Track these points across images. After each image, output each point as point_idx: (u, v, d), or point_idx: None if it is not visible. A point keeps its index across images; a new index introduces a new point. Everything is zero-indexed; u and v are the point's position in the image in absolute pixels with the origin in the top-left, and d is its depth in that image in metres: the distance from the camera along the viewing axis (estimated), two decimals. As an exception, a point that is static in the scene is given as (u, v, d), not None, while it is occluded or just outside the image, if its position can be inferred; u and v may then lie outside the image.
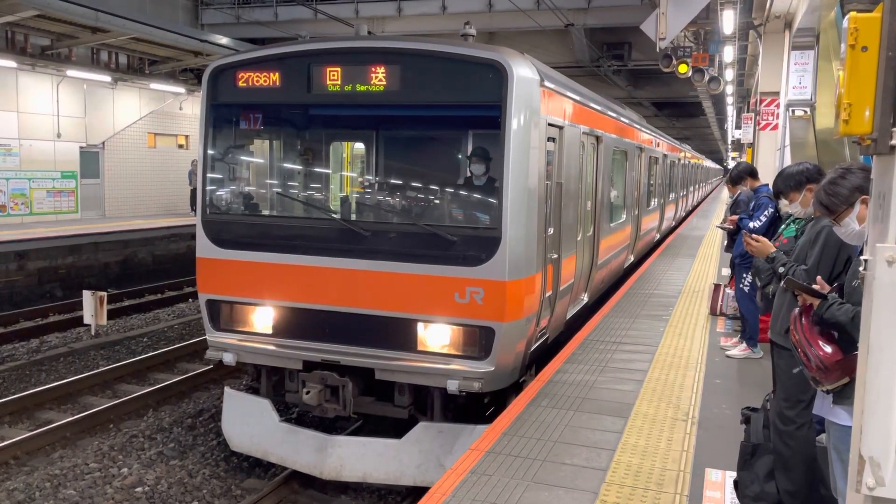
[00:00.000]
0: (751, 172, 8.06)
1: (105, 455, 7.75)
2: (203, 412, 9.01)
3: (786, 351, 3.91)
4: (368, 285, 6.41)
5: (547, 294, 7.06)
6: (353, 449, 6.72)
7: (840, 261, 3.71)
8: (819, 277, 3.33)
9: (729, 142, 50.37)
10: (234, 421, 7.26)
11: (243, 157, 7.87)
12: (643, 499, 4.34)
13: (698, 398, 6.22)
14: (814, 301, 3.14)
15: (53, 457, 7.71)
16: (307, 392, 6.58)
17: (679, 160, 23.59)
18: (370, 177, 8.22)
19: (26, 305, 14.47)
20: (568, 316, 8.34)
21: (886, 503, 2.21)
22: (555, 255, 7.28)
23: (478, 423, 6.35)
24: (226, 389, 7.61)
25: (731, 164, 33.82)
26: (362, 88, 6.52)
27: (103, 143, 21.51)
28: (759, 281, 4.75)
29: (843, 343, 3.01)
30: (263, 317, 6.90)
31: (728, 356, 7.60)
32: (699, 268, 13.89)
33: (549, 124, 6.86)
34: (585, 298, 9.30)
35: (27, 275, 15.09)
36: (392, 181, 7.93)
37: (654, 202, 16.66)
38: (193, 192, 20.18)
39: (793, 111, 13.33)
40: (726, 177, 14.01)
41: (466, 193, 7.04)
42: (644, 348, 7.77)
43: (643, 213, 14.53)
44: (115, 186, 21.98)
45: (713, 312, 9.52)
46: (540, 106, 6.45)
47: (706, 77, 18.52)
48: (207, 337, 7.19)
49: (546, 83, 6.62)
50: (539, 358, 7.31)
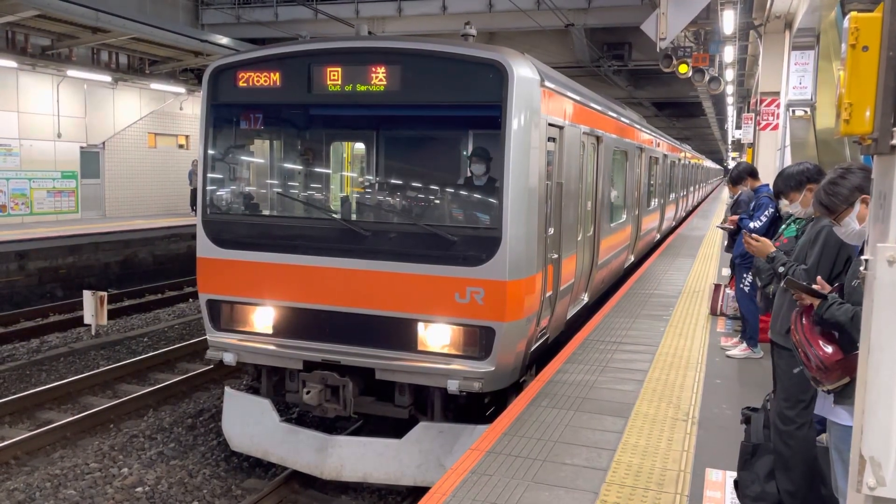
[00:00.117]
0: (751, 172, 8.06)
1: (105, 455, 7.75)
2: (203, 412, 9.02)
3: (786, 351, 3.92)
4: (369, 285, 6.41)
5: (547, 294, 7.06)
6: (354, 449, 6.72)
7: (840, 261, 3.71)
8: (819, 277, 3.33)
9: (729, 142, 50.34)
10: (235, 421, 7.26)
11: (244, 157, 7.87)
12: (643, 499, 4.34)
13: (699, 398, 6.22)
14: (814, 301, 3.14)
15: (54, 457, 7.71)
16: (307, 392, 6.58)
17: (679, 160, 23.58)
18: (370, 177, 8.22)
19: (27, 305, 14.48)
20: (568, 316, 8.34)
21: (887, 503, 2.21)
22: (555, 255, 7.28)
23: (478, 424, 6.35)
24: (226, 389, 7.61)
25: (732, 165, 33.81)
26: (363, 88, 6.52)
27: (104, 144, 21.52)
28: (760, 281, 4.75)
29: (844, 343, 3.01)
30: (264, 317, 6.90)
31: (728, 356, 7.60)
32: (699, 268, 13.88)
33: (550, 124, 6.86)
34: (586, 298, 9.30)
35: (27, 275, 15.09)
36: (392, 181, 7.93)
37: (655, 202, 16.65)
38: (194, 192, 20.21)
39: (793, 111, 13.33)
40: (726, 177, 14.02)
41: (467, 193, 7.04)
42: (644, 348, 7.77)
43: (643, 214, 14.53)
44: (116, 186, 21.98)
45: (713, 312, 9.52)
46: (540, 106, 6.44)
47: (706, 77, 18.53)
48: (208, 337, 7.19)
49: (546, 83, 6.62)
50: (539, 358, 7.31)
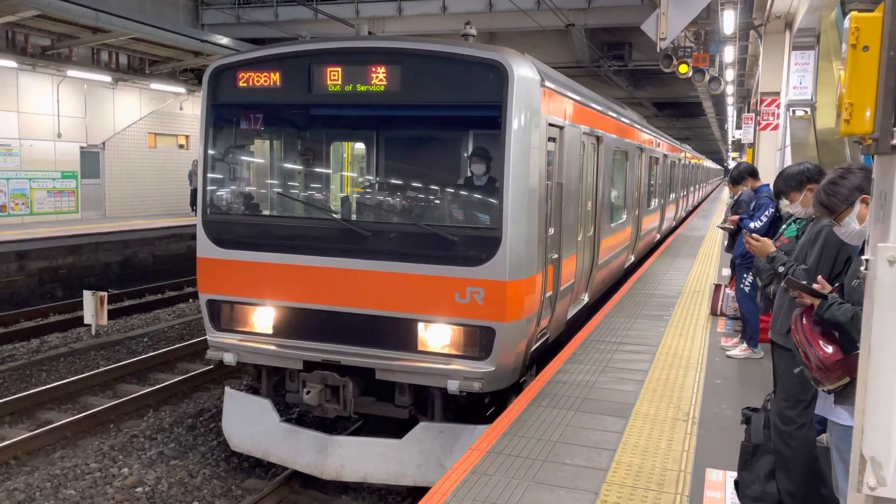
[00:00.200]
0: (751, 172, 8.06)
1: (105, 455, 7.75)
2: (203, 412, 9.02)
3: (786, 351, 3.92)
4: (369, 285, 6.41)
5: (547, 294, 7.06)
6: (354, 449, 6.71)
7: (840, 261, 3.71)
8: (820, 277, 3.33)
9: (729, 142, 50.35)
10: (235, 421, 7.26)
11: (244, 158, 7.87)
12: (644, 499, 4.34)
13: (699, 398, 6.21)
14: (814, 301, 3.14)
15: (54, 457, 7.71)
16: (308, 392, 6.58)
17: (679, 160, 23.58)
18: (370, 177, 8.21)
19: (27, 305, 14.47)
20: (568, 316, 8.34)
21: (888, 503, 2.21)
22: (555, 256, 7.28)
23: (478, 424, 6.34)
24: (226, 389, 7.61)
25: (732, 165, 33.82)
26: (363, 88, 6.51)
27: (104, 144, 21.51)
28: (760, 281, 4.76)
29: (844, 343, 3.01)
30: (264, 317, 6.90)
31: (728, 356, 7.60)
32: (699, 268, 13.88)
33: (550, 124, 6.86)
34: (586, 298, 9.30)
35: (28, 275, 15.08)
36: (392, 181, 7.92)
37: (655, 202, 16.65)
38: (194, 192, 20.23)
39: (793, 111, 13.33)
40: (727, 177, 14.02)
41: (467, 193, 7.03)
42: (644, 348, 7.77)
43: (644, 214, 14.52)
44: (116, 186, 21.98)
45: (714, 312, 9.52)
46: (540, 106, 6.44)
47: (706, 77, 18.55)
48: (208, 337, 7.19)
49: (546, 83, 6.62)
50: (540, 358, 7.30)
